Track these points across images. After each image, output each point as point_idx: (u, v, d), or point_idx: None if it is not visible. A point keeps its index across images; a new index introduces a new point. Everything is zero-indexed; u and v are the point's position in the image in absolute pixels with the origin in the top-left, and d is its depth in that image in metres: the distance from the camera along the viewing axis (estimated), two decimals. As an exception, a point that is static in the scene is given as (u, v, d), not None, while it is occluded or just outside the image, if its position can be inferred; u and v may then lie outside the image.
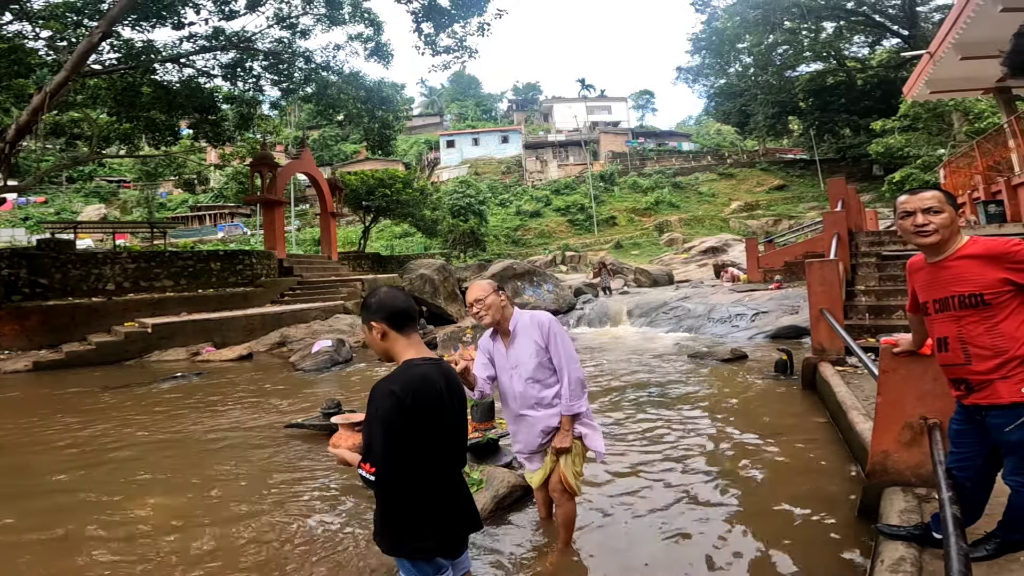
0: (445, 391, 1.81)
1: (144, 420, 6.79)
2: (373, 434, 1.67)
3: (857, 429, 4.14)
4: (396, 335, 1.83)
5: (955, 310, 2.18)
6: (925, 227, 2.21)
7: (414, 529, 1.77)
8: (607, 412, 6.06)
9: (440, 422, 1.79)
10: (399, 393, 1.68)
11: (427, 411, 1.73)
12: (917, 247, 2.33)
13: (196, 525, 3.73)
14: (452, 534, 1.84)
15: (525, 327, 2.85)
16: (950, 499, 2.12)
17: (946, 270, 2.21)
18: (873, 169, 37.71)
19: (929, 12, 35.62)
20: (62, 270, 13.52)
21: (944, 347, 2.26)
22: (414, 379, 1.74)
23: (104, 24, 13.56)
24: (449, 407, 1.83)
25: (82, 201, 50.42)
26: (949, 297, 2.20)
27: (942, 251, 2.23)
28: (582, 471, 2.96)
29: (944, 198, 2.23)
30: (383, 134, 21.11)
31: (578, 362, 2.86)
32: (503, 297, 2.87)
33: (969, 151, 14.19)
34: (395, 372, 1.77)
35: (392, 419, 1.66)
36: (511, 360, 2.87)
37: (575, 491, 2.91)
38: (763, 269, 16.43)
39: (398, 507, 1.77)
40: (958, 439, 2.38)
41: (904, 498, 3.00)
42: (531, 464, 3.02)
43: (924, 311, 2.36)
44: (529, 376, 2.82)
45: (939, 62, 10.46)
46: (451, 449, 1.86)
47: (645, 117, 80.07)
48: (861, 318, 8.09)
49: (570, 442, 2.83)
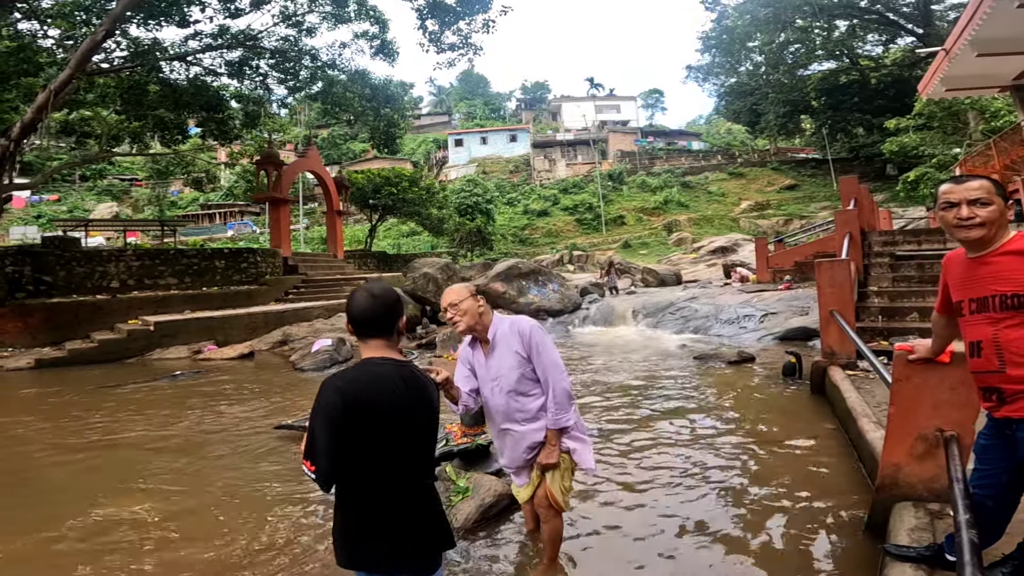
0: (401, 395, 1.69)
1: (139, 419, 6.71)
2: (315, 430, 1.60)
3: (867, 438, 3.94)
4: (359, 340, 1.77)
5: (994, 311, 1.94)
6: (970, 220, 1.97)
7: (367, 542, 1.65)
8: (607, 414, 5.88)
9: (392, 424, 1.66)
10: (344, 388, 1.61)
11: (375, 411, 1.62)
12: (959, 242, 2.09)
13: (177, 529, 3.62)
14: (413, 551, 1.69)
15: (504, 336, 2.62)
16: (967, 522, 1.92)
17: (987, 266, 1.98)
18: (887, 168, 37.13)
19: (944, 10, 35.04)
20: (67, 268, 13.53)
21: (977, 352, 2.02)
22: (364, 376, 1.66)
23: (108, 22, 13.55)
24: (406, 410, 1.69)
25: (94, 199, 50.87)
26: (989, 297, 1.96)
27: (986, 246, 1.99)
28: (571, 486, 2.77)
29: (993, 188, 1.99)
30: (389, 132, 21.07)
31: (564, 372, 2.63)
32: (481, 302, 2.66)
33: (985, 150, 13.88)
34: (348, 368, 1.70)
35: (333, 415, 1.58)
36: (491, 372, 2.65)
37: (561, 507, 2.73)
38: (773, 269, 16.15)
39: (349, 515, 1.67)
40: (984, 454, 2.17)
41: (915, 514, 2.80)
42: (518, 479, 2.83)
43: (958, 311, 2.11)
44: (511, 389, 2.61)
45: (954, 60, 10.18)
46: (409, 456, 1.72)
47: (654, 116, 79.66)
48: (873, 320, 7.85)
49: (556, 458, 2.63)
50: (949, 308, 2.21)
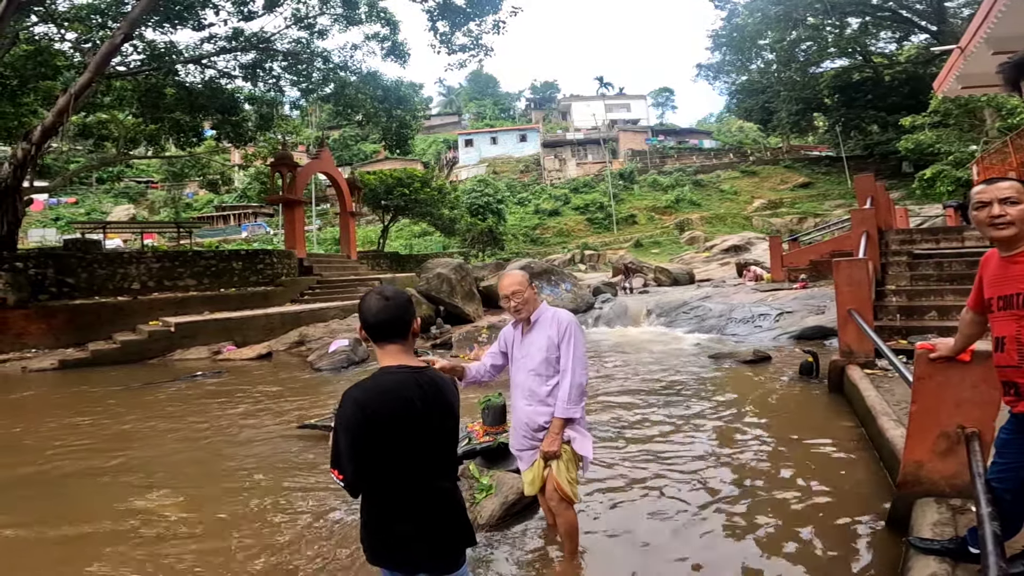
0: (419, 400, 1.73)
1: (162, 419, 6.86)
2: (339, 441, 1.67)
3: (887, 436, 3.96)
4: (374, 344, 1.80)
5: (1018, 308, 2.03)
6: (1001, 218, 2.05)
7: (391, 540, 1.72)
8: (623, 413, 5.93)
9: (410, 431, 1.71)
10: (361, 400, 1.66)
11: (393, 419, 1.68)
12: (991, 241, 2.17)
13: (205, 525, 3.72)
14: (428, 551, 1.74)
15: (546, 320, 2.81)
16: (990, 515, 1.98)
17: (1017, 265, 2.05)
18: (903, 166, 36.73)
19: (958, 7, 34.60)
20: (88, 270, 13.77)
21: (1001, 347, 2.11)
22: (380, 386, 1.70)
23: (126, 25, 13.77)
24: (424, 416, 1.74)
25: (111, 201, 51.54)
26: (1015, 295, 2.04)
27: (1017, 245, 2.07)
28: (576, 477, 2.85)
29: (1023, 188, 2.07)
30: (401, 133, 21.19)
31: (585, 368, 2.77)
32: (535, 289, 2.86)
33: (1002, 147, 13.74)
34: (365, 379, 1.73)
35: (353, 426, 1.64)
36: (523, 349, 2.85)
37: (572, 498, 2.81)
38: (787, 268, 16.05)
39: (373, 517, 1.74)
40: (1004, 449, 2.23)
41: (937, 509, 2.84)
42: (522, 463, 2.95)
43: (988, 308, 2.20)
44: (532, 368, 2.79)
45: (970, 57, 10.07)
46: (427, 460, 1.76)
47: (665, 115, 79.31)
48: (891, 319, 7.82)
49: (558, 446, 2.74)
50: (981, 304, 2.27)
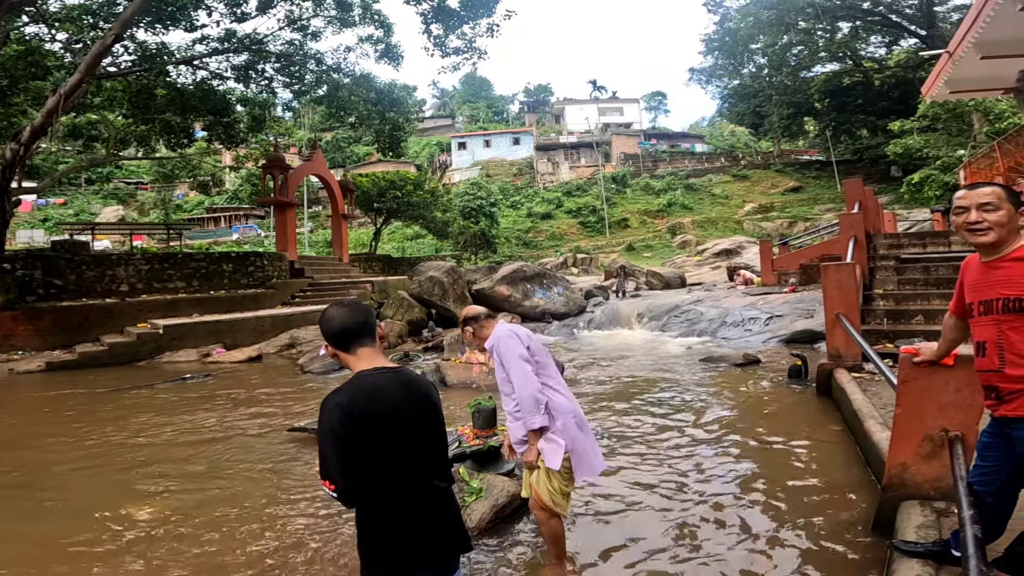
0: (403, 401, 1.71)
1: (152, 421, 6.79)
2: (325, 450, 1.62)
3: (873, 439, 4.00)
4: (344, 354, 1.78)
5: (997, 313, 2.05)
6: (978, 224, 2.07)
7: (386, 549, 1.67)
8: (614, 417, 5.95)
9: (401, 430, 1.69)
10: (347, 405, 1.61)
11: (379, 422, 1.65)
12: (972, 246, 2.20)
13: (191, 529, 3.69)
14: (424, 555, 1.71)
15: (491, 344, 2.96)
16: (971, 518, 2.01)
17: (997, 271, 2.07)
18: (891, 170, 37.10)
19: (947, 12, 35.05)
20: (76, 271, 13.64)
21: (982, 351, 2.13)
22: (363, 389, 1.67)
23: (117, 26, 13.67)
24: (410, 417, 1.72)
25: (100, 203, 51.09)
26: (994, 300, 2.06)
27: (997, 251, 2.08)
28: (558, 488, 2.82)
29: (1004, 194, 2.08)
30: (394, 136, 21.12)
31: (526, 378, 2.76)
32: (468, 331, 3.01)
33: (990, 152, 13.89)
34: (344, 384, 1.70)
35: (339, 432, 1.59)
36: None
37: (551, 508, 2.83)
38: (777, 272, 16.16)
39: (368, 526, 1.70)
40: (985, 452, 2.26)
41: (922, 512, 2.87)
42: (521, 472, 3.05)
43: (969, 313, 2.22)
44: (501, 389, 2.94)
45: (958, 62, 10.21)
46: (420, 460, 1.74)
47: (657, 119, 79.75)
48: (879, 323, 7.90)
49: (532, 457, 2.81)
50: (963, 309, 2.30)
